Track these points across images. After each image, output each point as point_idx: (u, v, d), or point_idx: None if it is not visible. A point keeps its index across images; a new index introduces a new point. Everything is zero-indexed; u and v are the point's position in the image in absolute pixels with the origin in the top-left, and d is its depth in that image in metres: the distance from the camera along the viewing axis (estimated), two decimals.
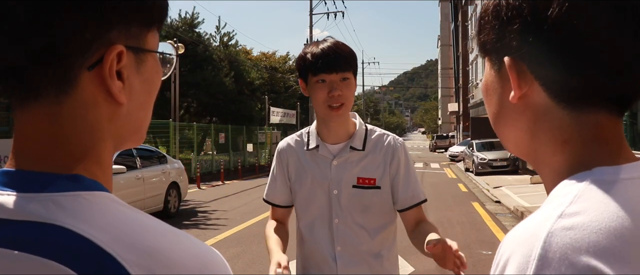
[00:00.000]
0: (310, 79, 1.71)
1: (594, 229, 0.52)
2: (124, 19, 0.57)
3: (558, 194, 0.58)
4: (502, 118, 0.68)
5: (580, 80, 0.59)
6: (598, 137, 0.61)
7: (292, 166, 1.86)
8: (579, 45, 0.58)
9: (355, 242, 1.77)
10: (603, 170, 0.59)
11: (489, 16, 0.66)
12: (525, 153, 0.68)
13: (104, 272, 0.47)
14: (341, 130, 1.78)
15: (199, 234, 8.44)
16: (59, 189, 0.53)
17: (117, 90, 0.57)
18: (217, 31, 27.01)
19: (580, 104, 0.60)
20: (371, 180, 1.77)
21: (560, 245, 0.51)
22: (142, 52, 0.60)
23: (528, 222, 0.57)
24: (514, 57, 0.62)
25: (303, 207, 1.84)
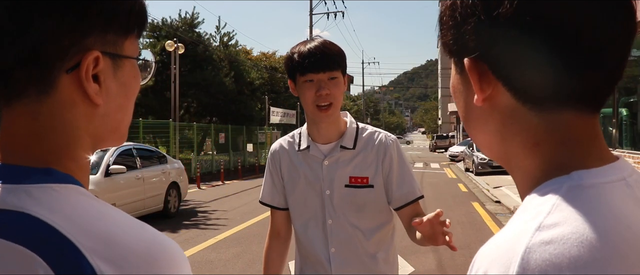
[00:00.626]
0: (298, 78, 1.70)
1: (575, 241, 0.48)
2: (100, 28, 0.61)
3: (534, 202, 0.55)
4: (470, 121, 0.65)
5: (543, 79, 0.55)
6: (570, 138, 0.58)
7: (285, 167, 1.85)
8: (536, 41, 0.54)
9: (350, 243, 1.75)
10: (581, 174, 0.55)
11: (446, 16, 0.62)
12: (497, 156, 0.65)
13: (63, 256, 0.52)
14: (331, 130, 1.77)
15: (199, 234, 8.44)
16: (33, 181, 0.58)
17: (93, 93, 0.62)
18: (217, 31, 27.01)
19: (547, 104, 0.57)
20: (363, 179, 1.75)
21: (539, 263, 0.48)
22: (119, 58, 0.65)
23: (503, 235, 0.53)
24: (473, 58, 0.59)
25: (297, 209, 1.83)
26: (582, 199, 0.52)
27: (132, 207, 9.07)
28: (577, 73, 0.56)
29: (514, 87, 0.58)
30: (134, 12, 0.65)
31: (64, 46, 0.59)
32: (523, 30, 0.55)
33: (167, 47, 18.14)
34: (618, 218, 0.51)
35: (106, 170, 8.53)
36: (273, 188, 1.89)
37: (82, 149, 0.64)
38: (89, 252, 0.53)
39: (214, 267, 6.40)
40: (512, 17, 0.55)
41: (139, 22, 0.67)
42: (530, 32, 0.55)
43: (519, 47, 0.55)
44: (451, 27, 0.61)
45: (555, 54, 0.55)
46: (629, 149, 8.83)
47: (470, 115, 0.64)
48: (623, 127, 9.29)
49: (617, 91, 9.29)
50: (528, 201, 0.56)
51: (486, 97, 0.59)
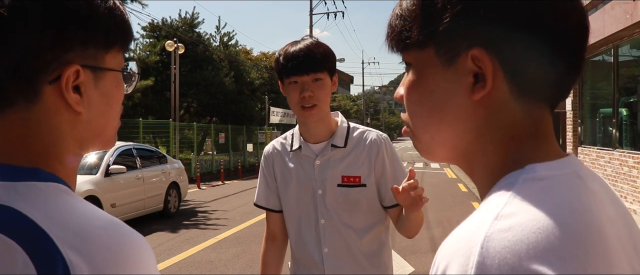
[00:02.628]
0: (284, 80, 1.71)
1: (532, 228, 0.49)
2: (79, 44, 0.69)
3: (492, 196, 0.56)
4: (443, 119, 0.62)
5: (544, 72, 0.57)
6: (540, 132, 0.59)
7: (278, 169, 1.85)
8: (548, 32, 0.56)
9: (343, 242, 1.75)
10: (534, 167, 0.56)
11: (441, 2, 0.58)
12: (460, 156, 0.63)
13: (39, 246, 0.59)
14: (321, 129, 1.77)
15: (199, 234, 8.44)
16: (20, 179, 0.66)
17: (74, 102, 0.69)
18: (217, 31, 27.00)
19: (537, 97, 0.58)
20: (356, 178, 1.74)
21: (498, 250, 0.48)
22: (100, 71, 0.72)
23: (463, 227, 0.54)
24: (484, 48, 0.57)
25: (290, 209, 1.83)
26: (537, 190, 0.54)
27: (132, 207, 9.07)
28: (560, 67, 0.58)
29: (516, 79, 0.57)
30: (113, 29, 0.72)
31: (47, 60, 0.67)
32: (540, 20, 0.55)
33: (167, 47, 18.14)
34: (571, 207, 0.52)
35: (106, 170, 8.53)
36: (267, 190, 1.89)
37: (68, 151, 0.72)
38: (61, 243, 0.59)
39: (214, 267, 6.40)
40: (522, 8, 0.55)
41: (121, 37, 0.74)
42: (537, 24, 0.55)
43: (528, 39, 0.55)
44: (457, 11, 0.57)
45: (557, 46, 0.56)
46: (629, 149, 8.83)
47: (447, 112, 0.61)
48: (623, 127, 9.30)
49: (617, 91, 9.29)
50: (488, 196, 0.57)
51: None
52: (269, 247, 1.91)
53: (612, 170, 9.16)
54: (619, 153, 8.98)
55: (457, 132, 0.61)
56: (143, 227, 8.81)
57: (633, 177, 8.33)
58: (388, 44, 0.67)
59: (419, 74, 0.63)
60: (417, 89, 0.63)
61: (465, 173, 0.66)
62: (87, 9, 0.69)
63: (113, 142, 0.79)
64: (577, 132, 11.37)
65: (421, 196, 1.55)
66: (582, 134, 11.21)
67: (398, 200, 1.57)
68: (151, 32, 23.54)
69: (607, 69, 9.98)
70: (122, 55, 0.77)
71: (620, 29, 8.05)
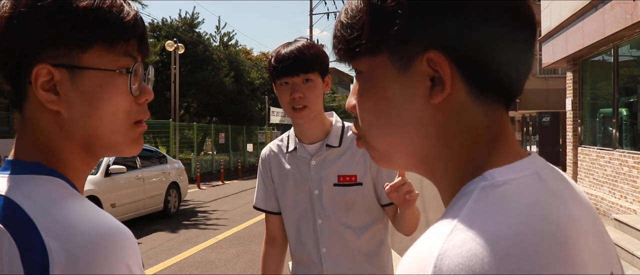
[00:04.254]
0: (276, 81, 1.72)
1: (487, 240, 0.47)
2: (48, 44, 0.71)
3: (450, 207, 0.54)
4: (402, 126, 0.59)
5: (502, 72, 0.55)
6: (500, 134, 0.58)
7: (275, 171, 1.86)
8: (501, 30, 0.54)
9: (341, 242, 1.75)
10: (493, 173, 0.54)
11: (401, 3, 0.55)
12: (420, 162, 0.61)
13: (24, 232, 0.64)
14: (315, 130, 1.78)
15: (199, 234, 8.44)
16: (21, 172, 0.71)
17: (45, 100, 0.72)
18: (217, 31, 27.04)
19: (495, 98, 0.57)
20: (352, 177, 1.75)
21: (452, 267, 0.46)
22: (78, 69, 0.72)
23: (419, 243, 0.51)
24: (439, 50, 0.54)
25: (287, 210, 1.84)
26: (494, 198, 0.51)
27: (132, 207, 9.07)
28: (518, 67, 0.57)
29: (474, 80, 0.55)
30: (89, 27, 0.72)
31: (26, 62, 0.71)
32: (489, 20, 0.54)
33: (167, 47, 18.14)
34: (530, 212, 0.50)
35: (106, 170, 8.54)
36: (266, 193, 1.90)
37: (68, 152, 0.75)
38: (44, 231, 0.63)
39: (214, 267, 6.40)
40: (475, 8, 0.54)
41: (101, 34, 0.72)
42: (490, 22, 0.54)
43: (484, 39, 0.54)
44: (406, 13, 0.54)
45: (508, 45, 0.55)
46: (629, 149, 8.83)
47: (406, 119, 0.58)
48: (623, 127, 9.30)
49: (617, 91, 9.29)
50: (447, 208, 0.55)
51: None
52: (269, 250, 1.92)
53: (612, 170, 9.16)
54: (619, 153, 8.98)
55: (416, 139, 0.59)
56: (143, 227, 8.81)
57: (633, 177, 8.33)
58: (336, 54, 0.63)
59: (371, 81, 0.60)
60: (371, 97, 0.60)
61: (426, 178, 0.63)
62: (52, 8, 0.70)
63: (124, 149, 0.78)
64: (577, 132, 11.37)
65: (411, 192, 1.56)
66: (582, 134, 11.21)
67: (390, 198, 1.58)
68: (151, 32, 23.53)
69: (607, 69, 9.98)
70: (115, 53, 0.74)
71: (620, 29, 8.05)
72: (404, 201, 1.57)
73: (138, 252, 0.68)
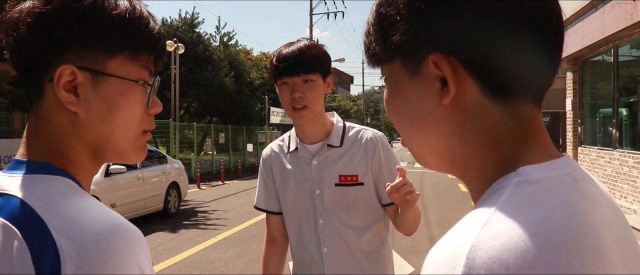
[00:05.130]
0: (277, 81, 1.73)
1: (521, 236, 0.46)
2: (77, 46, 0.72)
3: (483, 201, 0.54)
4: (424, 128, 0.61)
5: (514, 69, 0.55)
6: (528, 132, 0.57)
7: (276, 171, 1.86)
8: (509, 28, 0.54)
9: (342, 242, 1.75)
10: (527, 169, 0.54)
11: (400, 9, 0.57)
12: (448, 163, 0.62)
13: (34, 231, 0.64)
14: (316, 130, 1.78)
15: (199, 234, 8.44)
16: (30, 171, 0.72)
17: (65, 100, 0.73)
18: (217, 31, 27.05)
19: (513, 97, 0.56)
20: (353, 177, 1.75)
21: (485, 260, 0.45)
22: (101, 74, 0.74)
23: (450, 235, 0.51)
24: (442, 53, 0.56)
25: (289, 210, 1.84)
26: (528, 194, 0.51)
27: (132, 207, 9.07)
28: (541, 63, 0.56)
29: (485, 80, 0.56)
30: (118, 36, 0.74)
31: (47, 60, 0.72)
32: (495, 18, 0.54)
33: (167, 47, 18.13)
34: (565, 211, 0.50)
35: (106, 170, 8.54)
36: (267, 193, 1.90)
37: (77, 153, 0.76)
38: (54, 230, 0.63)
39: (214, 267, 6.40)
40: (482, 7, 0.54)
41: (128, 44, 0.75)
42: (503, 20, 0.54)
43: (491, 37, 0.54)
44: (411, 21, 0.57)
45: (527, 43, 0.55)
46: (629, 149, 8.83)
47: (425, 120, 0.60)
48: (623, 127, 9.30)
49: (617, 91, 9.29)
50: (479, 202, 0.55)
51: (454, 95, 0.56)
52: (270, 250, 1.92)
53: (612, 170, 9.16)
54: (619, 153, 8.98)
55: (439, 139, 0.60)
56: (143, 227, 8.80)
57: (633, 177, 8.33)
58: (366, 61, 0.67)
59: (393, 86, 0.63)
60: (394, 102, 0.64)
61: (460, 179, 0.64)
62: (87, 12, 0.72)
63: (131, 156, 0.81)
64: (577, 132, 11.37)
65: (412, 192, 1.57)
66: (582, 134, 11.21)
67: (391, 198, 1.58)
68: None
69: (607, 69, 9.97)
70: (138, 65, 0.77)
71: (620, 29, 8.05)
72: (405, 201, 1.57)
73: (148, 251, 0.69)
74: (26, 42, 0.72)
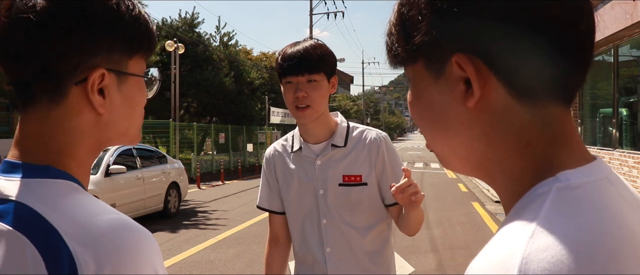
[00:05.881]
0: (281, 80, 1.74)
1: (571, 245, 0.46)
2: (106, 49, 0.72)
3: (524, 209, 0.52)
4: (450, 130, 0.60)
5: (541, 69, 0.53)
6: (559, 134, 0.56)
7: (280, 170, 1.87)
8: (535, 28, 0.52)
9: (345, 242, 1.75)
10: (567, 174, 0.53)
11: (422, 9, 0.56)
12: (475, 166, 0.61)
13: (47, 239, 0.62)
14: (320, 129, 1.79)
15: (199, 234, 8.44)
16: (32, 176, 0.69)
17: (98, 104, 0.73)
18: (217, 31, 27.01)
19: (542, 98, 0.55)
20: (357, 177, 1.76)
21: (538, 273, 0.45)
22: (124, 75, 0.76)
23: (496, 246, 0.49)
24: (466, 53, 0.54)
25: (292, 210, 1.84)
26: (572, 200, 0.50)
27: (132, 207, 9.06)
28: (569, 63, 0.55)
29: (512, 81, 0.54)
30: (136, 37, 0.76)
31: (74, 64, 0.70)
32: (520, 19, 0.52)
33: (167, 47, 18.14)
34: (609, 217, 0.49)
35: (106, 170, 8.54)
36: (270, 192, 1.90)
37: (85, 150, 0.75)
38: (68, 238, 0.62)
39: (214, 267, 6.40)
40: (507, 6, 0.53)
41: (144, 44, 0.78)
42: (529, 20, 0.52)
43: (516, 37, 0.53)
44: (432, 21, 0.56)
45: (554, 43, 0.53)
46: (629, 149, 8.83)
47: (450, 122, 0.59)
48: (623, 127, 9.30)
49: (617, 91, 9.29)
50: (518, 209, 0.53)
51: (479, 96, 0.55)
52: (273, 250, 1.92)
53: None
54: (619, 153, 8.98)
55: (465, 141, 0.59)
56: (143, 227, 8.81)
57: (633, 177, 8.33)
58: (388, 62, 0.66)
59: (416, 88, 0.62)
60: (418, 104, 0.62)
61: (487, 184, 0.63)
62: (115, 16, 0.73)
63: (135, 141, 0.84)
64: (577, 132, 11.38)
65: (417, 193, 1.57)
66: (582, 134, 11.21)
67: (396, 199, 1.59)
68: None
69: (607, 69, 9.98)
70: (144, 61, 0.81)
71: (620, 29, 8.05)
72: (409, 202, 1.58)
73: (159, 251, 0.69)
74: (49, 44, 0.69)
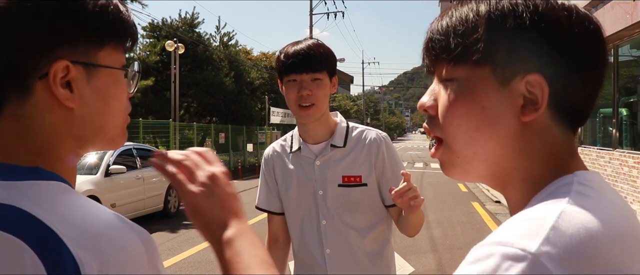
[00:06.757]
0: (283, 78, 1.72)
1: (604, 210, 0.54)
2: (68, 40, 0.69)
3: (548, 195, 0.59)
4: (492, 136, 0.64)
5: (582, 100, 0.63)
6: (572, 150, 0.65)
7: (278, 171, 1.85)
8: (589, 69, 0.61)
9: (345, 243, 1.74)
10: (583, 173, 0.61)
11: (506, 18, 0.61)
12: (494, 173, 0.66)
13: (47, 243, 0.60)
14: (320, 129, 1.77)
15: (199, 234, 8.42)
16: (22, 178, 0.67)
17: (63, 97, 0.69)
18: (217, 31, 27.01)
19: (567, 122, 0.64)
20: (357, 177, 1.74)
21: (573, 223, 0.52)
22: (93, 67, 0.72)
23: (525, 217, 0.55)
24: (540, 74, 0.60)
25: (291, 211, 1.83)
26: (595, 187, 0.58)
27: (132, 207, 9.07)
28: (585, 99, 0.63)
29: (558, 106, 0.61)
30: (105, 26, 0.73)
31: (36, 57, 0.68)
32: (580, 58, 0.61)
33: (167, 47, 18.13)
34: (624, 206, 0.59)
35: (106, 170, 8.53)
36: (268, 193, 1.89)
37: (66, 150, 0.73)
38: (69, 241, 0.60)
39: (214, 267, 6.40)
40: (577, 46, 0.61)
41: (115, 34, 0.75)
42: (584, 61, 0.61)
43: (571, 73, 0.60)
44: (512, 35, 0.61)
45: (587, 82, 0.62)
46: (629, 149, 8.83)
47: (498, 129, 0.63)
48: (623, 127, 9.30)
49: (617, 91, 9.29)
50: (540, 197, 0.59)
51: None
52: (272, 250, 1.91)
53: (612, 170, 9.15)
54: (619, 153, 8.98)
55: (502, 150, 0.64)
56: (143, 227, 8.78)
57: (633, 177, 8.33)
58: (432, 57, 0.66)
59: (469, 89, 0.64)
60: (467, 104, 0.64)
61: (494, 188, 0.68)
62: (76, 6, 0.70)
63: (118, 142, 0.80)
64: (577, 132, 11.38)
65: (417, 197, 1.56)
66: (582, 134, 11.21)
67: (396, 203, 1.57)
68: (151, 32, 23.53)
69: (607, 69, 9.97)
70: (121, 53, 0.77)
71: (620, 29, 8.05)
72: (408, 206, 1.57)
73: (159, 252, 0.69)
74: (10, 39, 0.67)
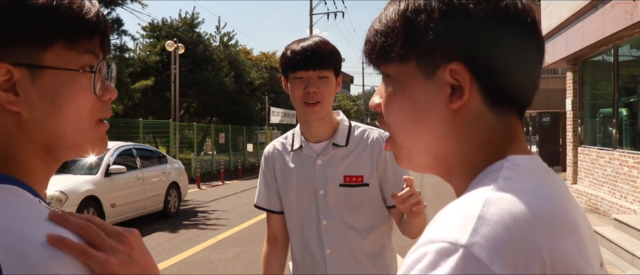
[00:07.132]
0: (289, 75, 1.70)
1: (529, 194, 0.57)
2: (7, 43, 0.67)
3: (479, 181, 0.61)
4: (426, 127, 0.66)
5: (515, 83, 0.63)
6: (513, 136, 0.66)
7: (278, 169, 1.83)
8: (516, 50, 0.62)
9: (346, 243, 1.73)
10: (515, 157, 0.63)
11: (432, 16, 0.62)
12: (439, 161, 0.67)
13: None
14: (322, 128, 1.76)
15: (199, 234, 8.44)
16: None
17: (5, 101, 0.68)
18: (217, 31, 27.05)
19: (506, 107, 0.64)
20: (358, 177, 1.72)
21: (497, 210, 0.54)
22: (38, 68, 0.69)
23: (457, 205, 0.58)
24: (460, 61, 0.61)
25: (291, 210, 1.81)
26: (520, 170, 0.61)
27: (132, 207, 9.06)
28: (528, 82, 0.64)
29: (488, 91, 0.62)
30: (47, 25, 0.68)
31: None
32: (505, 33, 0.61)
33: (167, 47, 18.14)
34: (554, 189, 0.61)
35: (106, 170, 8.53)
36: (268, 191, 1.87)
37: (28, 156, 0.71)
38: None
39: (214, 267, 6.40)
40: (497, 28, 0.61)
41: (62, 32, 0.70)
42: (507, 43, 0.61)
43: (501, 55, 0.61)
44: (434, 25, 0.62)
45: (520, 64, 0.63)
46: (629, 149, 8.82)
47: (430, 120, 0.65)
48: (623, 127, 9.29)
49: (617, 91, 9.29)
50: (474, 183, 0.62)
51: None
52: (271, 249, 1.90)
53: (612, 170, 9.15)
54: (619, 153, 8.97)
55: (437, 139, 0.66)
56: (143, 227, 8.81)
57: (633, 177, 8.32)
58: (367, 58, 0.70)
59: (399, 85, 0.67)
60: (399, 99, 0.67)
61: (441, 177, 0.71)
62: (14, 5, 0.67)
63: (88, 149, 0.76)
64: (577, 132, 11.36)
65: (419, 203, 1.54)
66: (582, 134, 11.20)
67: (398, 208, 1.55)
68: (151, 32, 23.54)
69: (607, 69, 9.97)
70: (77, 51, 0.72)
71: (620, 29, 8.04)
72: (410, 212, 1.55)
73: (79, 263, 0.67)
74: None
